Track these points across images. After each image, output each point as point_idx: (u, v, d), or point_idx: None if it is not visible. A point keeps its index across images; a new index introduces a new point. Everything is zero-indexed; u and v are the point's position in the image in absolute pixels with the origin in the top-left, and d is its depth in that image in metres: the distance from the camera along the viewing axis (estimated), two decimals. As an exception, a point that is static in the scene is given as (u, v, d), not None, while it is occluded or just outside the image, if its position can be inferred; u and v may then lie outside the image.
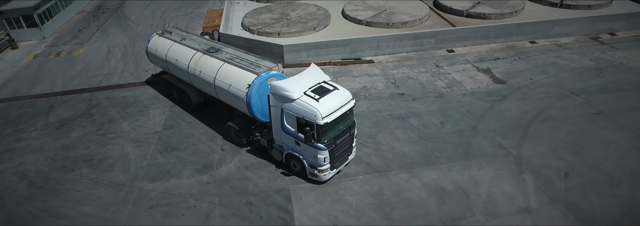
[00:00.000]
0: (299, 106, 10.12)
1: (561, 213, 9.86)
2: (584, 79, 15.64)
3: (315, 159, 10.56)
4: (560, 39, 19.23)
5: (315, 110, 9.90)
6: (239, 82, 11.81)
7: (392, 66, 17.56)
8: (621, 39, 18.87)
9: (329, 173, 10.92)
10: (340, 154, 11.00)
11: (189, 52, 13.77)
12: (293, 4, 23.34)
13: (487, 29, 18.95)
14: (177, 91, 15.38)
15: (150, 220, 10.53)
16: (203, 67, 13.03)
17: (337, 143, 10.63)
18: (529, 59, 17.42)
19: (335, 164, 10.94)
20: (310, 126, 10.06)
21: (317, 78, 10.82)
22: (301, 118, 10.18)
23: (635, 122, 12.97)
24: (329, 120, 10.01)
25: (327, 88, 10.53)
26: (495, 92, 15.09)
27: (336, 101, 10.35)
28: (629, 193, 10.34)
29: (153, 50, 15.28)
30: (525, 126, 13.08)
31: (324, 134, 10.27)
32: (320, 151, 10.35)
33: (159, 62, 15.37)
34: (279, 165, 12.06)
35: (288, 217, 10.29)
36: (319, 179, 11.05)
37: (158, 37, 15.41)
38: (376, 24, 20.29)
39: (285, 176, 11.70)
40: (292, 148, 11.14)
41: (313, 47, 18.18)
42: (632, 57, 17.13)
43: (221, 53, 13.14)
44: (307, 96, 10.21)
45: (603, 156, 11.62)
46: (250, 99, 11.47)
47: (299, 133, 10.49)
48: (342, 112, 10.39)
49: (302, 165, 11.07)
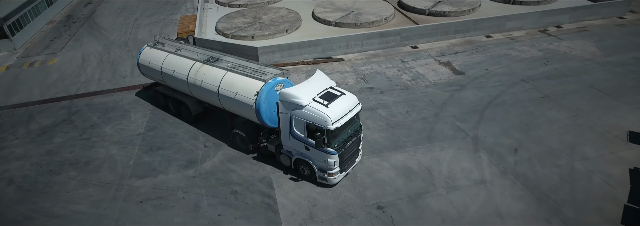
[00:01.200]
0: (309, 112, 10.35)
1: (511, 183, 11.39)
2: (533, 67, 17.51)
3: (326, 163, 10.83)
4: (512, 32, 21.22)
5: (325, 116, 10.14)
6: (246, 90, 11.89)
7: (361, 63, 18.96)
8: (566, 31, 21.04)
9: (338, 176, 11.20)
10: (348, 158, 11.29)
11: (187, 63, 13.69)
12: (265, 8, 24.49)
13: (447, 26, 20.71)
14: (174, 103, 15.28)
15: (142, 213, 11.32)
16: (204, 77, 13.01)
17: (345, 146, 10.93)
18: (484, 52, 19.24)
19: (344, 167, 11.22)
20: (321, 132, 10.28)
21: (324, 84, 11.08)
22: (311, 124, 10.41)
23: (575, 103, 14.82)
24: (339, 125, 10.29)
25: (334, 94, 10.79)
26: (454, 83, 16.71)
27: (344, 106, 10.62)
28: (567, 162, 12.02)
29: (146, 62, 15.09)
30: (481, 111, 14.69)
31: (333, 138, 10.50)
32: (330, 155, 10.61)
33: (153, 74, 15.16)
34: (259, 157, 13.08)
35: (271, 201, 11.35)
36: (329, 183, 11.31)
37: (150, 48, 15.25)
38: (345, 25, 21.69)
39: (267, 165, 12.74)
40: (301, 153, 11.36)
41: (286, 48, 19.36)
42: (574, 46, 19.23)
43: (222, 62, 13.18)
44: (316, 102, 10.44)
45: (547, 133, 13.33)
46: (260, 106, 11.57)
47: (308, 138, 10.72)
48: (350, 116, 10.71)
49: (311, 169, 11.35)
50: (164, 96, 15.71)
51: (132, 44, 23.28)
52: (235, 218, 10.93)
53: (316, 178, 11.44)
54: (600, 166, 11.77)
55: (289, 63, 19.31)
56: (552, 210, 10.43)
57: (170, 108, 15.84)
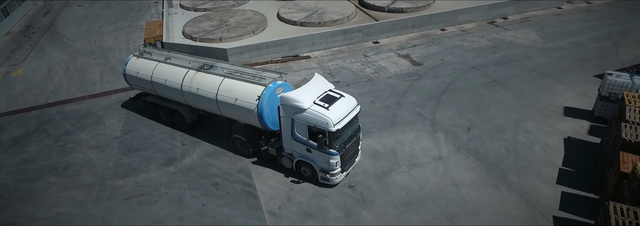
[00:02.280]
0: (310, 115, 10.69)
1: (464, 157, 12.96)
2: (483, 56, 19.41)
3: (328, 164, 11.25)
4: (464, 25, 23.19)
5: (327, 118, 10.52)
6: (246, 95, 12.12)
7: (327, 59, 20.24)
8: (511, 22, 23.24)
9: (340, 176, 11.68)
10: (349, 158, 11.77)
11: (180, 71, 13.72)
12: (230, 11, 25.29)
13: (405, 21, 22.37)
14: (166, 112, 15.27)
15: (127, 209, 11.99)
16: (200, 84, 13.10)
17: (346, 147, 11.37)
18: (440, 44, 21.02)
19: (345, 167, 11.71)
20: (323, 134, 10.65)
21: (323, 87, 11.45)
22: (313, 126, 10.78)
23: (519, 85, 16.73)
24: (340, 127, 10.68)
25: (334, 96, 11.17)
26: (413, 73, 18.29)
27: (344, 107, 11.02)
28: (512, 136, 13.76)
29: (133, 72, 14.99)
30: (438, 97, 16.30)
31: (335, 140, 10.90)
32: (332, 156, 11.05)
33: (142, 84, 15.08)
34: (237, 151, 13.99)
35: (251, 189, 12.33)
36: (331, 183, 11.76)
37: (137, 58, 15.18)
38: (310, 24, 22.89)
39: (244, 158, 13.68)
40: (303, 155, 11.73)
41: (254, 48, 20.33)
42: (518, 35, 21.37)
43: (217, 69, 13.31)
44: (317, 105, 10.77)
45: (495, 112, 15.07)
46: (262, 110, 11.85)
47: (310, 140, 11.13)
48: (350, 118, 11.14)
49: (313, 171, 11.78)
50: (155, 106, 15.56)
51: (98, 51, 23.44)
52: (218, 206, 11.82)
53: (318, 178, 11.88)
54: (540, 137, 13.58)
55: (258, 63, 20.28)
56: (499, 177, 12.05)
57: (161, 118, 15.75)
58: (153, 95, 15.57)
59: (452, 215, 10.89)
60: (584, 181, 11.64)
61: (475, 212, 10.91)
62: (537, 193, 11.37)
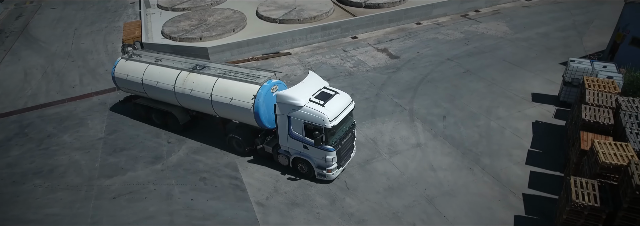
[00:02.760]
0: (307, 112, 10.90)
1: (441, 143, 13.71)
2: (457, 48, 20.27)
3: (324, 160, 11.50)
4: (438, 18, 24.04)
5: (323, 115, 10.75)
6: (242, 94, 12.26)
7: (307, 55, 20.73)
8: (483, 14, 24.23)
9: (336, 171, 11.93)
10: (345, 153, 12.05)
11: (172, 73, 13.75)
12: (209, 10, 25.44)
13: (381, 16, 23.04)
14: (158, 114, 15.27)
15: (117, 207, 12.23)
16: (193, 85, 13.18)
17: (342, 143, 11.62)
18: (415, 37, 21.79)
19: (341, 163, 11.98)
20: (319, 130, 10.87)
21: (318, 84, 11.68)
22: (309, 123, 11.01)
23: (491, 74, 17.63)
24: (336, 123, 10.93)
25: (329, 93, 11.42)
26: (391, 66, 18.99)
27: (340, 104, 11.27)
28: (485, 122, 14.60)
29: (123, 75, 14.91)
30: (415, 88, 17.03)
31: (331, 136, 11.13)
32: (328, 152, 11.30)
33: (133, 87, 15.01)
34: (223, 146, 14.36)
35: (238, 182, 12.76)
36: (328, 178, 12.01)
37: (126, 61, 15.11)
38: (289, 21, 23.30)
39: (230, 153, 14.07)
40: (300, 152, 11.96)
41: (235, 46, 20.62)
42: (490, 27, 22.35)
43: (210, 69, 13.40)
44: (313, 102, 11.01)
45: (469, 100, 15.91)
46: (259, 109, 12.01)
47: (307, 137, 11.36)
48: (346, 114, 11.39)
49: (310, 167, 12.01)
50: (146, 108, 15.52)
51: (75, 54, 23.26)
52: (207, 200, 12.21)
53: (315, 175, 12.14)
54: (510, 122, 14.47)
55: (240, 60, 20.59)
56: (473, 160, 12.85)
57: (153, 120, 15.71)
58: (144, 97, 15.51)
59: (430, 197, 11.61)
60: (550, 160, 12.55)
61: (452, 193, 11.66)
62: (508, 174, 12.22)
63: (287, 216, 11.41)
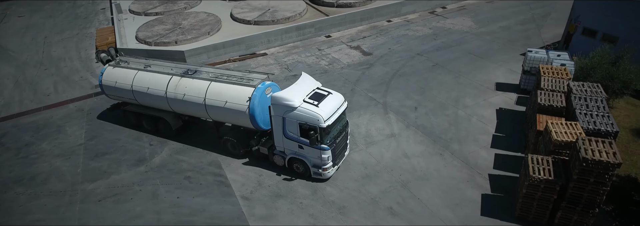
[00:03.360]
0: (301, 113, 11.13)
1: (413, 133, 14.63)
2: (426, 43, 21.36)
3: (320, 159, 11.75)
4: (408, 16, 25.16)
5: (317, 115, 11.00)
6: (236, 97, 12.45)
7: (283, 55, 21.36)
8: (450, 11, 25.51)
9: (332, 170, 12.25)
10: (339, 152, 12.36)
11: (163, 78, 13.81)
12: (183, 14, 25.68)
13: (353, 15, 23.94)
14: (149, 120, 15.29)
15: (103, 209, 12.50)
16: (186, 90, 13.28)
17: (336, 142, 11.93)
18: (387, 34, 22.78)
19: (336, 161, 12.28)
20: (314, 130, 11.13)
21: (311, 85, 11.95)
22: (304, 124, 11.25)
23: (458, 67, 18.76)
24: (330, 122, 11.22)
25: (322, 94, 11.70)
26: (364, 62, 19.87)
27: (333, 104, 11.56)
28: (453, 111, 15.64)
29: (111, 82, 14.88)
30: (387, 82, 17.95)
31: (326, 135, 11.39)
32: (324, 151, 11.57)
33: (122, 94, 14.98)
34: (205, 145, 14.78)
35: (222, 179, 13.25)
36: (323, 177, 12.29)
37: (113, 68, 15.08)
38: (263, 22, 23.86)
39: (212, 152, 14.51)
40: (295, 152, 12.18)
41: (212, 48, 21.03)
42: (456, 23, 23.60)
43: (202, 73, 13.56)
44: (307, 103, 11.25)
45: (438, 92, 16.94)
46: (254, 111, 12.21)
47: (302, 137, 11.60)
48: (339, 114, 11.71)
49: (306, 166, 12.28)
50: (136, 115, 15.53)
51: (47, 62, 23.05)
52: (193, 197, 12.65)
53: (311, 174, 12.42)
54: (476, 110, 15.57)
55: (217, 62, 21.01)
56: (443, 147, 13.82)
57: (144, 126, 15.72)
58: (133, 104, 15.51)
59: (405, 182, 12.47)
60: (512, 143, 13.67)
61: (425, 177, 12.57)
62: (475, 157, 13.24)
63: (271, 207, 12.01)
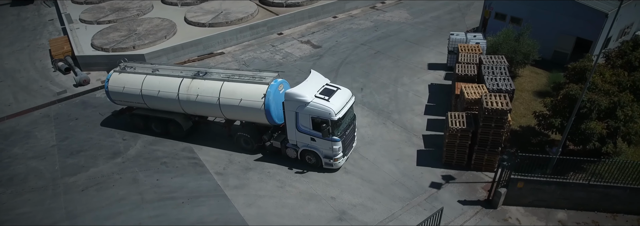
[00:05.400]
0: (314, 107, 12.17)
1: (361, 109, 17.35)
2: (368, 34, 24.39)
3: (331, 150, 12.81)
4: (351, 11, 28.21)
5: (329, 109, 12.04)
6: (251, 95, 13.40)
7: (240, 53, 23.51)
8: (388, 5, 28.87)
9: (342, 160, 13.31)
10: (348, 143, 13.46)
11: (174, 81, 14.50)
12: (137, 20, 27.04)
13: (302, 13, 26.56)
14: (159, 123, 15.93)
15: (87, 197, 13.99)
16: (199, 91, 14.05)
17: (346, 133, 13.05)
18: (333, 29, 25.62)
19: (345, 152, 13.36)
20: (326, 123, 12.16)
21: (321, 82, 13.00)
22: (316, 117, 12.32)
23: (396, 52, 21.88)
24: (341, 115, 12.29)
25: (332, 89, 12.75)
26: (315, 54, 22.49)
27: (342, 98, 12.62)
28: (393, 89, 18.60)
29: (118, 88, 15.38)
30: (337, 69, 20.66)
31: (337, 128, 12.47)
32: (335, 142, 12.60)
33: (130, 99, 15.51)
34: (176, 138, 16.50)
35: (196, 160, 15.18)
36: (334, 167, 13.38)
37: (119, 74, 15.66)
38: (218, 24, 25.84)
39: (183, 142, 16.13)
40: (307, 145, 13.24)
41: (171, 50, 22.74)
42: (394, 15, 26.93)
43: (213, 74, 14.43)
44: (318, 98, 12.30)
45: (380, 74, 19.87)
46: (269, 106, 13.21)
47: (314, 130, 12.69)
48: (348, 107, 12.76)
49: (317, 158, 13.36)
50: (144, 118, 16.20)
51: (2, 74, 23.58)
52: (171, 178, 14.48)
53: (322, 164, 13.46)
54: (412, 86, 18.62)
55: (177, 63, 22.72)
56: (386, 117, 16.66)
57: (152, 129, 16.39)
58: (140, 108, 16.16)
59: (355, 147, 15.04)
60: (441, 109, 16.77)
61: (371, 142, 15.26)
62: (411, 123, 16.18)
63: (243, 178, 14.14)
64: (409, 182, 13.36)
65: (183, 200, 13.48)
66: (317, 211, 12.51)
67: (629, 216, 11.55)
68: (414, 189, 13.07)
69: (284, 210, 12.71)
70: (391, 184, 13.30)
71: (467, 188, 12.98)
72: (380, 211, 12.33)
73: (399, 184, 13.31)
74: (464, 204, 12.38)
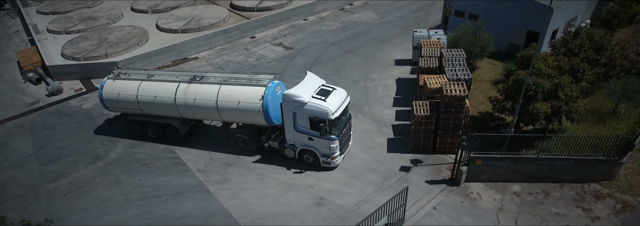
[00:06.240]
0: (311, 107, 12.66)
1: (334, 104, 18.53)
2: (338, 35, 25.76)
3: (329, 149, 13.33)
4: (321, 14, 29.57)
5: (326, 108, 12.54)
6: (249, 97, 13.86)
7: (214, 57, 24.36)
8: (356, 7, 30.42)
9: (339, 158, 13.91)
10: (345, 141, 14.05)
11: (170, 86, 14.88)
12: (107, 29, 27.43)
13: (273, 17, 27.68)
14: (155, 128, 16.26)
15: (70, 201, 14.46)
16: (196, 95, 14.49)
17: (342, 132, 13.60)
18: (304, 31, 26.86)
19: (342, 150, 13.94)
20: (324, 122, 12.68)
21: (317, 83, 13.50)
22: (314, 117, 12.82)
23: (365, 51, 23.30)
24: (337, 115, 12.88)
25: (328, 90, 13.29)
26: (288, 56, 23.62)
27: (338, 98, 13.19)
28: (363, 84, 19.90)
29: (113, 95, 15.59)
30: (309, 68, 21.82)
31: (334, 127, 13.01)
32: (332, 141, 13.15)
33: (126, 105, 15.77)
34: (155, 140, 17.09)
35: (178, 160, 15.90)
36: (332, 165, 13.97)
37: (113, 81, 15.85)
38: (190, 30, 26.58)
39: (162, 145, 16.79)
40: (305, 144, 13.74)
41: (144, 57, 23.32)
42: (362, 16, 28.47)
43: (209, 78, 14.84)
44: (315, 98, 12.81)
45: (350, 72, 21.19)
46: (267, 108, 13.71)
47: (312, 130, 13.21)
48: (344, 107, 13.35)
49: (315, 156, 13.90)
50: (140, 124, 16.49)
51: (-32, 88, 23.45)
52: (154, 178, 15.15)
53: (320, 163, 14.02)
54: (381, 81, 20.00)
55: (156, 68, 23.30)
56: (357, 110, 17.90)
57: (149, 135, 16.72)
58: (136, 114, 16.45)
59: (330, 139, 16.17)
60: (408, 101, 18.15)
61: (345, 134, 16.45)
62: (381, 114, 17.50)
63: (225, 173, 14.99)
64: (380, 167, 14.57)
65: (167, 197, 14.18)
66: (297, 199, 13.50)
67: (573, 185, 13.15)
68: (385, 173, 14.28)
69: (265, 199, 13.64)
70: (364, 171, 14.46)
71: (433, 169, 14.31)
72: (355, 195, 13.45)
73: (372, 169, 14.50)
74: (431, 183, 13.68)
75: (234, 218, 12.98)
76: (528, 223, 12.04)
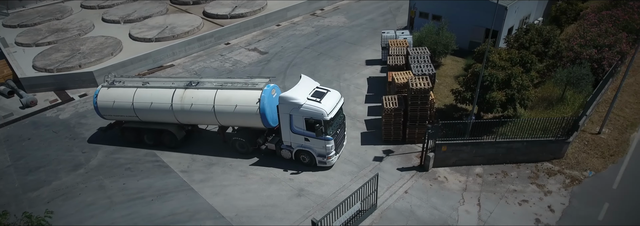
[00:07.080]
0: (307, 109, 13.36)
1: (309, 103, 19.71)
2: (311, 39, 27.10)
3: (324, 148, 14.01)
4: (293, 19, 30.91)
5: (321, 110, 13.23)
6: (246, 100, 14.36)
7: (190, 64, 25.18)
8: (327, 12, 31.95)
9: (335, 157, 14.59)
10: (340, 141, 14.76)
11: (166, 92, 15.27)
12: (79, 40, 27.78)
13: (247, 23, 28.78)
14: (152, 134, 16.60)
15: (55, 208, 14.82)
16: (193, 100, 14.92)
17: (337, 132, 14.32)
18: (278, 36, 28.08)
19: (337, 150, 14.65)
20: (319, 123, 13.34)
21: (311, 85, 14.24)
22: (309, 118, 13.51)
23: (337, 53, 24.71)
24: (332, 115, 13.56)
25: (322, 91, 14.04)
26: (263, 60, 24.73)
27: (333, 100, 13.92)
28: (337, 84, 21.19)
29: (108, 103, 15.84)
30: (284, 72, 23.00)
31: (329, 127, 13.71)
32: (328, 141, 13.83)
33: (121, 113, 16.04)
34: (137, 145, 17.76)
35: (160, 163, 16.61)
36: (328, 165, 14.64)
37: (108, 89, 16.12)
38: (164, 38, 27.30)
39: (147, 149, 17.48)
40: (301, 145, 14.39)
41: (120, 66, 23.89)
42: (333, 20, 29.97)
43: (205, 84, 15.33)
44: (311, 100, 13.50)
45: (324, 73, 22.48)
46: (264, 110, 14.30)
47: (307, 130, 13.87)
48: (338, 108, 14.08)
49: (311, 157, 14.57)
50: (136, 131, 16.83)
51: (-63, 104, 23.32)
52: (138, 180, 15.80)
53: (316, 163, 14.69)
54: (353, 81, 21.37)
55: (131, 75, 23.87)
56: (332, 108, 19.10)
57: (145, 141, 17.06)
58: (131, 121, 16.76)
59: (307, 136, 17.28)
60: (379, 98, 19.49)
61: (321, 130, 17.59)
62: (355, 111, 18.80)
63: (207, 172, 15.82)
64: (355, 159, 15.77)
65: (152, 197, 14.88)
66: (278, 191, 14.50)
67: (528, 164, 14.75)
68: (360, 164, 15.49)
69: (248, 194, 14.56)
70: (341, 163, 15.63)
71: (404, 158, 15.63)
72: (333, 185, 14.58)
73: (348, 161, 15.68)
74: (402, 170, 14.99)
75: (219, 212, 13.82)
76: (489, 200, 13.47)
